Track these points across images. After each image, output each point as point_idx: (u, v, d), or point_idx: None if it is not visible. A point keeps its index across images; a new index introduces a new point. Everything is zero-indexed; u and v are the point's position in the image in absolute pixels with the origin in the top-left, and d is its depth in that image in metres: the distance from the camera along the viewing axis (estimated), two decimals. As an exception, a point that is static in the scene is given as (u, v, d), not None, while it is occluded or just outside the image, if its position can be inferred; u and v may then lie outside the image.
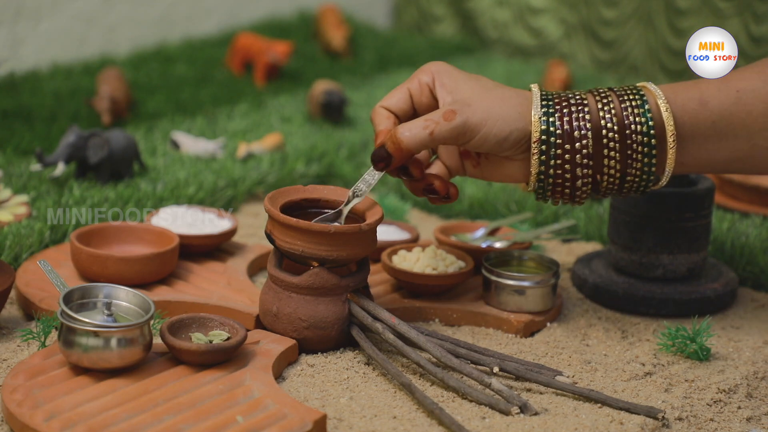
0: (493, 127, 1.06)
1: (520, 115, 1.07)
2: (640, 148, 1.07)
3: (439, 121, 1.07)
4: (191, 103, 1.84)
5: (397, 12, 2.58)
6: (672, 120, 1.07)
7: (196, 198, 1.47)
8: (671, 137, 1.07)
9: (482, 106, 1.07)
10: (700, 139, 1.08)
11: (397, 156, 1.08)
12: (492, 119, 1.07)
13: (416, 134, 1.07)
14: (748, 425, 1.05)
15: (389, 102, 1.12)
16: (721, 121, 1.07)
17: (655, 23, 2.15)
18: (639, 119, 1.07)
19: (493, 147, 1.08)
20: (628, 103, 1.08)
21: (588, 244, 1.43)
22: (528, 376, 1.08)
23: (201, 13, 2.28)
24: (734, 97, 1.07)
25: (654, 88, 1.09)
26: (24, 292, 1.18)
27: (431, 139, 1.07)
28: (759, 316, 1.27)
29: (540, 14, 2.32)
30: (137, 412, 0.97)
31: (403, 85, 1.12)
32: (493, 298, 1.22)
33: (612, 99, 1.08)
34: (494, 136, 1.07)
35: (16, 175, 1.47)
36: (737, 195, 1.52)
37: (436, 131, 1.07)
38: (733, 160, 1.09)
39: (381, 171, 1.10)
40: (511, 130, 1.07)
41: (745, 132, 1.07)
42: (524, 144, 1.08)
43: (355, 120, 1.82)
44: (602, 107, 1.08)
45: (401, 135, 1.07)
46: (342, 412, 1.03)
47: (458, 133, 1.07)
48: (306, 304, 1.12)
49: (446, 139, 1.07)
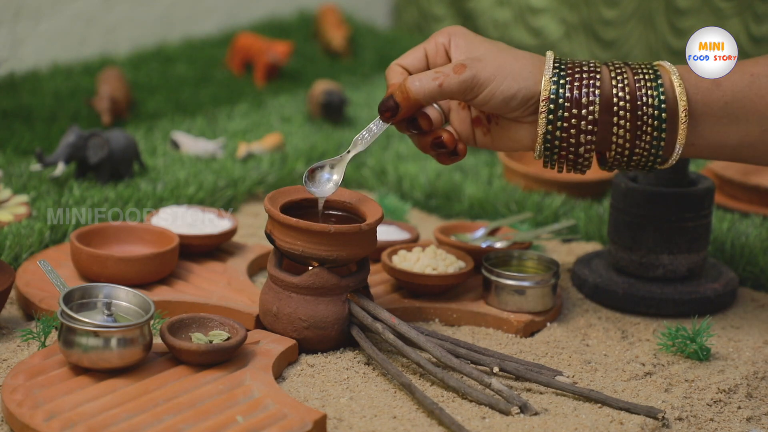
0: (501, 83, 1.07)
1: (530, 74, 1.08)
2: (650, 121, 1.07)
3: (449, 74, 1.07)
4: (191, 103, 1.84)
5: (397, 12, 2.58)
6: (685, 96, 1.07)
7: (196, 198, 1.47)
8: (683, 113, 1.07)
9: (493, 62, 1.08)
10: (712, 119, 1.08)
11: (405, 106, 1.09)
12: (501, 75, 1.07)
13: (425, 85, 1.08)
14: (748, 425, 1.05)
15: (405, 60, 1.13)
16: (734, 102, 1.07)
17: (655, 23, 2.15)
18: (651, 92, 1.07)
19: (500, 104, 1.08)
20: (642, 77, 1.08)
21: (588, 244, 1.43)
22: (528, 376, 1.08)
23: (201, 13, 2.28)
24: (748, 80, 1.08)
25: (669, 65, 1.09)
26: (24, 292, 1.18)
27: (440, 90, 1.08)
28: (759, 316, 1.27)
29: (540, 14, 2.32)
30: (137, 412, 0.97)
31: (420, 46, 1.13)
32: (493, 298, 1.22)
33: (626, 72, 1.09)
34: (502, 93, 1.07)
35: (16, 175, 1.47)
36: (737, 195, 1.52)
37: (445, 83, 1.07)
38: (743, 146, 1.09)
39: (387, 121, 1.10)
40: (520, 87, 1.07)
41: (757, 116, 1.07)
42: (532, 105, 1.08)
43: (355, 120, 1.82)
44: (615, 77, 1.08)
45: (410, 85, 1.08)
46: (342, 412, 1.03)
47: (467, 86, 1.07)
48: (306, 304, 1.12)
49: (454, 92, 1.08)
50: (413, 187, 1.56)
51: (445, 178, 1.57)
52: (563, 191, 1.53)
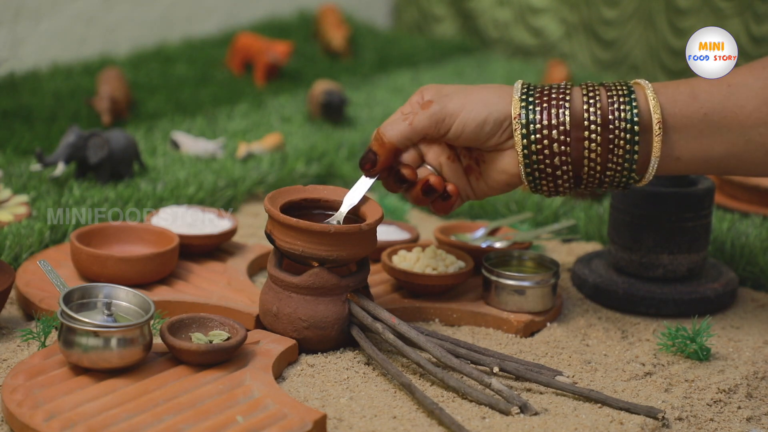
0: (471, 111, 1.09)
1: (500, 98, 1.10)
2: (623, 135, 1.08)
3: (417, 111, 1.11)
4: (191, 103, 1.84)
5: (397, 12, 2.58)
6: (659, 109, 1.07)
7: (196, 198, 1.47)
8: (657, 125, 1.07)
9: (460, 95, 1.10)
10: (693, 132, 1.08)
11: (382, 153, 1.12)
12: (470, 104, 1.09)
13: (396, 126, 1.11)
14: (748, 425, 1.05)
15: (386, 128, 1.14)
16: (713, 114, 1.08)
17: (655, 23, 2.15)
18: (624, 108, 1.08)
19: (474, 131, 1.09)
20: (615, 95, 1.09)
21: (588, 244, 1.43)
22: (528, 376, 1.08)
23: (201, 13, 2.28)
24: (726, 92, 1.08)
25: (645, 82, 1.10)
26: (24, 292, 1.18)
27: (411, 128, 1.11)
28: (759, 316, 1.27)
29: (540, 14, 2.32)
30: (137, 412, 0.97)
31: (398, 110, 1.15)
32: (493, 298, 1.22)
33: (599, 92, 1.10)
34: (473, 120, 1.09)
35: (16, 175, 1.47)
36: (737, 195, 1.52)
37: (415, 120, 1.11)
38: (729, 157, 1.09)
39: (369, 174, 1.13)
40: (490, 111, 1.09)
41: (739, 127, 1.08)
42: (507, 127, 1.09)
43: (355, 120, 1.82)
44: (588, 98, 1.09)
45: (383, 129, 1.12)
46: (342, 412, 1.03)
47: (436, 120, 1.10)
48: (306, 304, 1.12)
49: (426, 127, 1.10)
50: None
51: (445, 178, 1.57)
52: (563, 191, 1.53)
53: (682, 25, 2.11)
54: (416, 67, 2.19)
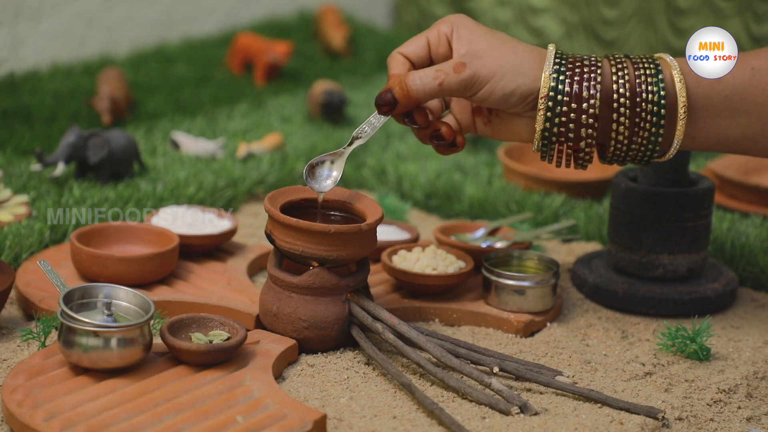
0: (500, 80, 1.07)
1: (530, 70, 1.08)
2: (649, 117, 1.07)
3: (449, 72, 1.08)
4: (191, 103, 1.84)
5: (397, 12, 2.58)
6: (685, 91, 1.07)
7: (196, 198, 1.46)
8: (682, 108, 1.07)
9: (493, 59, 1.08)
10: (712, 113, 1.08)
11: (403, 102, 1.09)
12: (500, 73, 1.07)
13: (426, 83, 1.08)
14: (748, 425, 1.05)
15: (407, 48, 1.12)
16: (735, 96, 1.07)
17: (655, 23, 2.15)
18: (652, 88, 1.07)
19: (499, 100, 1.08)
20: (643, 71, 1.08)
21: (588, 244, 1.43)
22: (528, 376, 1.08)
23: (201, 13, 2.28)
24: (749, 74, 1.08)
25: (671, 59, 1.09)
26: (24, 292, 1.18)
27: (440, 89, 1.08)
28: (759, 316, 1.27)
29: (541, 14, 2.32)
30: (137, 412, 0.97)
31: (423, 34, 1.13)
32: (493, 298, 1.22)
33: (627, 66, 1.08)
34: (501, 89, 1.07)
35: (16, 175, 1.47)
36: (737, 195, 1.52)
37: (445, 82, 1.08)
38: (744, 139, 1.09)
39: (385, 114, 1.10)
40: (518, 84, 1.07)
41: (758, 110, 1.07)
42: (532, 100, 1.08)
43: (355, 120, 1.82)
44: (616, 72, 1.08)
45: (411, 82, 1.08)
46: (342, 412, 1.03)
47: (466, 85, 1.08)
48: (306, 304, 1.12)
49: (454, 90, 1.08)
50: (413, 187, 1.56)
51: (445, 178, 1.57)
52: (563, 191, 1.53)
53: (682, 25, 2.11)
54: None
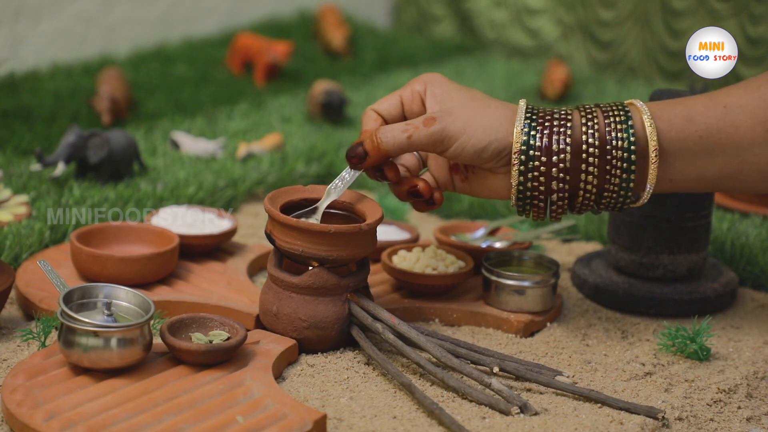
0: (471, 137, 1.07)
1: (501, 126, 1.08)
2: (619, 164, 1.07)
3: (419, 126, 1.08)
4: (191, 103, 1.84)
5: (397, 12, 2.58)
6: (655, 135, 1.06)
7: (196, 198, 1.47)
8: (653, 152, 1.06)
9: (464, 115, 1.08)
10: (688, 154, 1.07)
11: (373, 155, 1.10)
12: (471, 128, 1.07)
13: (395, 136, 1.09)
14: (748, 425, 1.05)
15: (380, 106, 1.14)
16: (709, 136, 1.07)
17: (651, 24, 2.15)
18: (621, 134, 1.07)
19: (471, 156, 1.08)
20: (612, 119, 1.08)
21: (588, 244, 1.43)
22: (528, 376, 1.08)
23: (201, 13, 2.28)
24: (721, 112, 1.06)
25: (641, 105, 1.08)
26: (24, 292, 1.18)
27: (409, 143, 1.08)
28: (759, 316, 1.27)
29: (537, 15, 2.32)
30: (137, 412, 0.97)
31: (396, 93, 1.14)
32: (493, 298, 1.22)
33: (597, 115, 1.08)
34: (472, 146, 1.07)
35: (16, 175, 1.47)
36: (737, 195, 1.52)
37: (415, 136, 1.08)
38: (723, 178, 1.08)
39: (356, 168, 1.11)
40: (490, 140, 1.07)
41: (734, 148, 1.07)
42: (505, 156, 1.08)
43: (355, 120, 1.82)
44: (586, 123, 1.08)
45: (381, 135, 1.09)
46: (342, 412, 1.03)
47: (436, 139, 1.08)
48: (306, 304, 1.12)
49: (424, 144, 1.08)
50: (413, 187, 1.56)
51: (445, 178, 1.57)
52: (563, 191, 1.53)
53: (678, 27, 2.11)
54: (416, 67, 2.19)
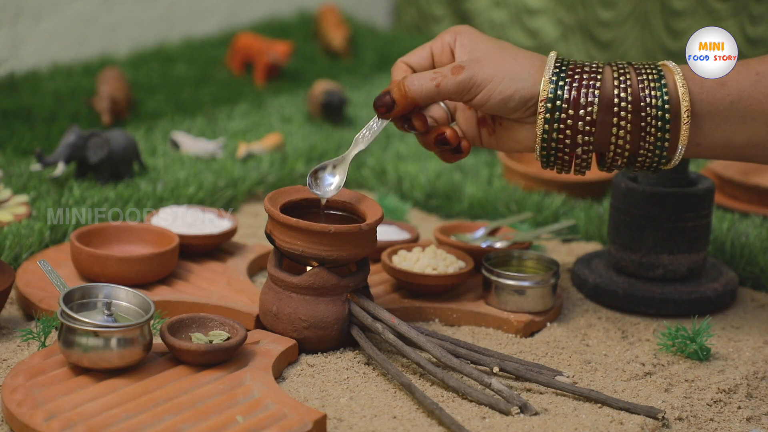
0: (498, 84, 1.07)
1: (529, 75, 1.08)
2: (654, 122, 1.07)
3: (447, 75, 1.08)
4: (191, 103, 1.84)
5: (397, 12, 2.58)
6: (687, 96, 1.06)
7: (196, 198, 1.47)
8: (685, 113, 1.06)
9: (492, 63, 1.08)
10: (717, 118, 1.08)
11: (401, 104, 1.10)
12: (499, 77, 1.08)
13: (423, 84, 1.09)
14: (748, 425, 1.05)
15: (411, 58, 1.14)
16: (740, 101, 1.07)
17: (651, 24, 2.15)
18: (655, 93, 1.07)
19: (497, 105, 1.08)
20: (646, 77, 1.08)
21: (588, 244, 1.43)
22: (528, 376, 1.08)
23: (201, 13, 2.28)
24: (753, 79, 1.07)
25: (673, 66, 1.08)
26: (24, 292, 1.18)
27: (437, 91, 1.09)
28: (759, 316, 1.27)
29: (537, 15, 2.32)
30: (137, 412, 0.97)
31: (427, 44, 1.14)
32: (493, 298, 1.22)
33: (629, 72, 1.08)
34: (499, 93, 1.07)
35: (16, 175, 1.47)
36: (737, 195, 1.52)
37: (443, 84, 1.08)
38: (750, 145, 1.08)
39: (383, 117, 1.11)
40: (517, 88, 1.07)
41: (764, 115, 1.07)
42: (532, 106, 1.08)
43: (355, 120, 1.82)
44: (618, 77, 1.08)
45: (409, 84, 1.09)
46: (342, 412, 1.03)
47: (463, 87, 1.08)
48: (306, 304, 1.12)
49: (451, 92, 1.09)
50: (413, 187, 1.56)
51: (445, 178, 1.57)
52: (563, 191, 1.53)
53: (677, 27, 2.11)
54: (416, 67, 2.18)
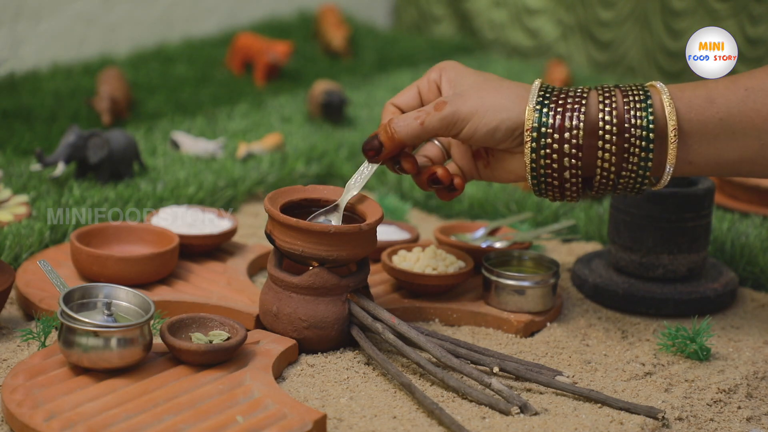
0: (483, 117, 1.08)
1: (514, 104, 1.08)
2: (638, 142, 1.07)
3: (431, 112, 1.10)
4: (191, 103, 1.84)
5: (397, 12, 2.58)
6: (674, 115, 1.06)
7: (196, 198, 1.47)
8: (672, 132, 1.06)
9: (475, 96, 1.09)
10: (708, 136, 1.07)
11: (388, 146, 1.11)
12: (483, 109, 1.08)
13: (408, 124, 1.10)
14: (748, 425, 1.05)
15: (399, 99, 1.15)
16: (729, 118, 1.07)
17: (651, 24, 2.15)
18: (640, 114, 1.07)
19: (485, 136, 1.09)
20: (631, 98, 1.08)
21: (588, 244, 1.43)
22: (528, 376, 1.08)
23: (201, 13, 2.28)
24: (742, 95, 1.07)
25: (661, 85, 1.08)
26: (24, 292, 1.18)
27: (422, 129, 1.10)
28: (759, 316, 1.27)
29: (537, 15, 2.32)
30: (137, 412, 0.97)
31: (414, 84, 1.16)
32: (493, 298, 1.22)
33: (616, 95, 1.08)
34: (484, 126, 1.08)
35: (16, 175, 1.47)
36: (737, 195, 1.52)
37: (427, 121, 1.09)
38: (743, 161, 1.08)
39: (372, 160, 1.12)
40: (502, 119, 1.08)
41: (755, 131, 1.07)
42: (518, 136, 1.09)
43: (355, 120, 1.82)
44: (603, 101, 1.08)
45: (395, 125, 1.11)
46: (342, 412, 1.03)
47: (448, 123, 1.09)
48: (306, 304, 1.12)
49: (437, 129, 1.10)
50: (413, 187, 1.56)
51: (445, 178, 1.57)
52: (563, 191, 1.53)
53: (677, 27, 2.11)
54: (416, 67, 2.19)
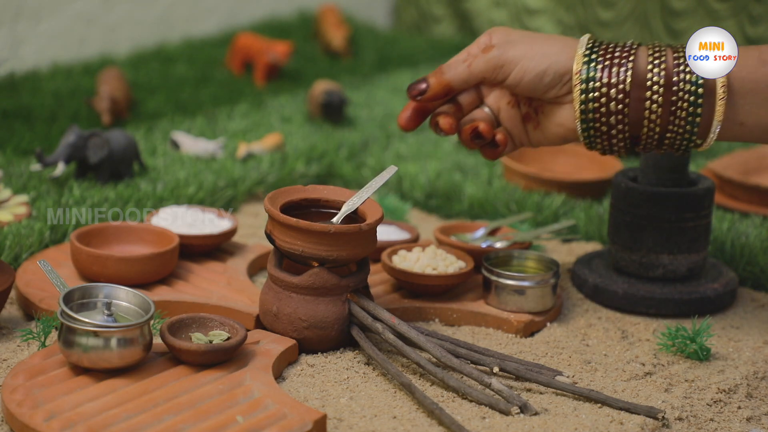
0: (531, 60, 1.09)
1: (562, 51, 1.09)
2: (686, 96, 1.07)
3: (477, 54, 1.11)
4: (191, 103, 1.84)
5: (397, 12, 2.58)
6: None
7: (196, 198, 1.47)
8: (722, 89, 1.06)
9: (523, 43, 1.10)
10: (759, 97, 1.07)
11: (435, 86, 1.12)
12: (530, 53, 1.09)
13: (455, 66, 1.12)
14: (748, 425, 1.05)
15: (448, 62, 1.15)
16: None
17: (651, 24, 2.15)
18: (689, 69, 1.07)
19: (532, 80, 1.09)
20: (682, 56, 1.08)
21: (588, 244, 1.43)
22: (528, 376, 1.08)
23: (201, 13, 2.28)
24: None
25: None
26: (24, 292, 1.18)
27: (469, 71, 1.11)
28: (759, 316, 1.27)
29: (537, 15, 2.32)
30: (137, 412, 0.97)
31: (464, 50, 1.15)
32: (493, 298, 1.22)
33: (666, 53, 1.08)
34: (533, 69, 1.09)
35: (16, 175, 1.47)
36: (737, 195, 1.52)
37: (474, 63, 1.11)
38: None
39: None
40: (551, 62, 1.08)
41: None
42: (566, 82, 1.09)
43: (355, 120, 1.82)
44: (653, 55, 1.08)
45: (444, 67, 1.12)
46: (342, 412, 1.03)
47: (494, 64, 1.10)
48: (306, 304, 1.12)
49: (483, 71, 1.11)
50: (413, 187, 1.56)
51: (445, 178, 1.57)
52: (563, 191, 1.53)
53: (677, 27, 2.11)
54: (416, 67, 2.19)
